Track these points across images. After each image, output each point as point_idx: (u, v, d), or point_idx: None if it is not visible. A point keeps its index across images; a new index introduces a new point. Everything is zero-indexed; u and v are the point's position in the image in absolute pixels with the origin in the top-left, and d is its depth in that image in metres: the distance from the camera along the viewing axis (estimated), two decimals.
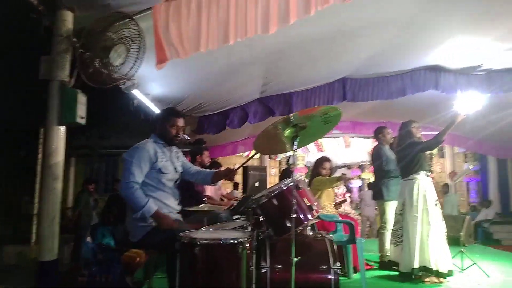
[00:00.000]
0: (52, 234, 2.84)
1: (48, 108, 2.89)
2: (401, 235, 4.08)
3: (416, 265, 3.83)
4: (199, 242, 2.11)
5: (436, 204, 4.01)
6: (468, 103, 4.30)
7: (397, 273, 4.09)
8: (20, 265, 6.41)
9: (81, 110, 2.95)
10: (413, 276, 3.85)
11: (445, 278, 3.86)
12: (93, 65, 2.83)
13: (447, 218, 4.42)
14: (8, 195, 8.17)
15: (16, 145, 8.15)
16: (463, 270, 4.41)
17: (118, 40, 2.84)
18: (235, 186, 9.17)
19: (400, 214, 4.13)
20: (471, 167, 5.68)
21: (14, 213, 7.80)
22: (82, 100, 2.96)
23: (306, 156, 12.00)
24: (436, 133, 4.23)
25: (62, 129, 2.91)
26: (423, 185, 4.03)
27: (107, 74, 2.85)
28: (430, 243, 3.86)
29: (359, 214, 10.13)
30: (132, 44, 2.83)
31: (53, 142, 2.86)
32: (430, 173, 4.24)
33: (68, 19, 2.94)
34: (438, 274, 3.84)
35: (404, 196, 4.08)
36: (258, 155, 10.99)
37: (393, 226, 4.30)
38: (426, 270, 3.86)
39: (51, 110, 2.87)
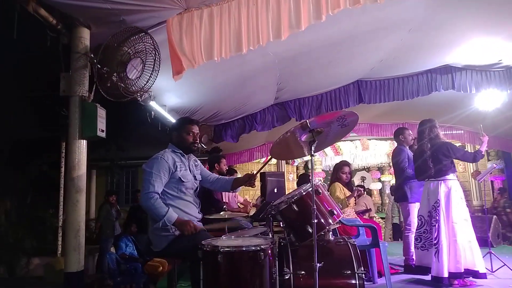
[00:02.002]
0: (78, 245, 2.90)
1: (69, 123, 2.97)
2: (430, 238, 3.90)
3: (461, 269, 3.67)
4: (221, 250, 2.11)
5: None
6: (488, 101, 4.21)
7: (424, 276, 3.98)
8: (47, 276, 6.56)
9: (101, 124, 3.01)
10: (451, 280, 3.69)
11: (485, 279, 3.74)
12: (111, 79, 2.90)
13: (473, 218, 4.30)
14: (33, 208, 8.40)
15: (39, 159, 8.38)
16: (493, 271, 4.28)
17: (134, 54, 2.90)
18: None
19: (429, 216, 3.94)
20: (495, 165, 5.51)
21: (40, 226, 8.00)
22: (102, 114, 3.03)
23: (323, 160, 11.91)
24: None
25: (83, 142, 2.98)
26: (459, 185, 3.94)
27: (124, 88, 2.91)
28: (474, 244, 3.73)
29: (382, 218, 9.99)
30: (148, 58, 2.88)
31: (75, 156, 2.93)
32: None
33: (85, 36, 3.02)
34: (477, 276, 3.70)
35: (437, 197, 3.88)
36: (274, 161, 10.99)
37: (418, 229, 4.12)
38: (470, 273, 3.70)
39: (72, 125, 2.94)
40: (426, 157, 4.03)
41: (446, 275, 3.68)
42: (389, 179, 12.29)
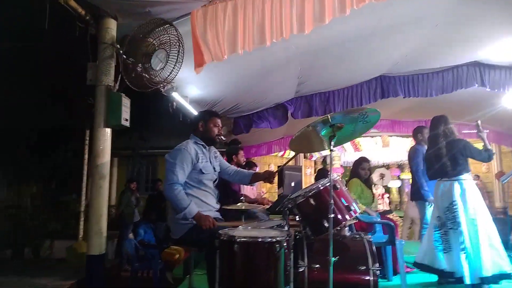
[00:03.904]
0: (100, 230, 3.01)
1: (95, 112, 3.06)
2: (449, 240, 3.65)
3: (490, 272, 3.41)
4: (238, 240, 2.15)
5: None
6: None
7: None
8: (69, 258, 6.82)
9: (126, 113, 3.10)
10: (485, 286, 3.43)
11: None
12: (136, 70, 2.96)
13: (495, 220, 4.17)
14: (57, 194, 8.71)
15: (64, 146, 8.67)
16: None
17: (159, 45, 2.96)
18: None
19: (447, 218, 3.67)
20: None
21: (63, 211, 8.30)
22: (126, 103, 3.11)
23: (342, 155, 11.80)
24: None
25: (108, 131, 3.07)
26: (475, 185, 3.74)
27: (148, 79, 2.98)
28: (500, 244, 3.52)
29: (401, 217, 9.80)
30: (172, 49, 2.93)
31: (100, 143, 3.03)
32: None
33: (112, 27, 3.10)
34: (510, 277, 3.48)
35: (452, 199, 3.63)
36: (292, 155, 10.98)
37: (437, 229, 3.81)
38: (504, 277, 3.46)
39: (98, 113, 3.03)
40: (442, 154, 3.78)
41: (476, 281, 3.41)
42: (409, 177, 12.07)
